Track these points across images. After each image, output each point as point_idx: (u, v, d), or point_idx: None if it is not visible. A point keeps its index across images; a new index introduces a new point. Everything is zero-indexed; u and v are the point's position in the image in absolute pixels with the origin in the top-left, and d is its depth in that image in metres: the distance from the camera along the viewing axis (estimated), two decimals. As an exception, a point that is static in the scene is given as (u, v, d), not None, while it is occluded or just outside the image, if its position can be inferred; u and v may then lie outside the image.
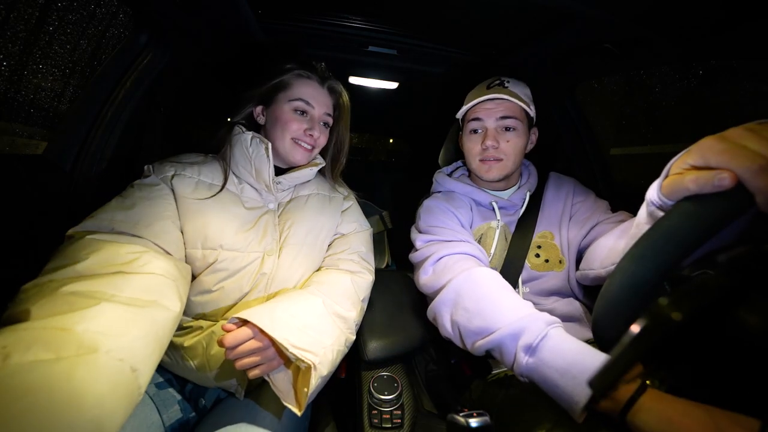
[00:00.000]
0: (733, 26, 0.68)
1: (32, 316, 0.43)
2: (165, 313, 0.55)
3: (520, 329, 0.61)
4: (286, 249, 0.81)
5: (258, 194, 0.84)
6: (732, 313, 0.31)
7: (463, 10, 0.91)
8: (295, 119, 0.83)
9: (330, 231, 0.92)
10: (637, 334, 0.31)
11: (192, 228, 0.73)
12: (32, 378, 0.37)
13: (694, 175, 0.38)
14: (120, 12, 1.55)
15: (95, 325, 0.44)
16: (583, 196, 1.00)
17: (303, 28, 1.05)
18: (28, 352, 0.38)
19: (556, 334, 0.58)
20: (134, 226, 0.64)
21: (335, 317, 0.74)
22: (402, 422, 0.78)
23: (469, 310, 0.69)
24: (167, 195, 0.73)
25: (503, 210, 0.98)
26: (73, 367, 0.39)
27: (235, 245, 0.75)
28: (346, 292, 0.81)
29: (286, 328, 0.62)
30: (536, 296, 0.93)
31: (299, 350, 0.61)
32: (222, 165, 0.82)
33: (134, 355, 0.45)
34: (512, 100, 0.89)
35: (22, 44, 1.49)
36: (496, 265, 0.93)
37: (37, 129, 1.53)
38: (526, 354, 0.59)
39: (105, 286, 0.50)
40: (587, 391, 0.49)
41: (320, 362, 0.63)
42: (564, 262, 0.92)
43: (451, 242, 0.86)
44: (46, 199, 0.81)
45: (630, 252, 0.41)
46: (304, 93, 0.84)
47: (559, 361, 0.55)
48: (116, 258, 0.55)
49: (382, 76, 1.40)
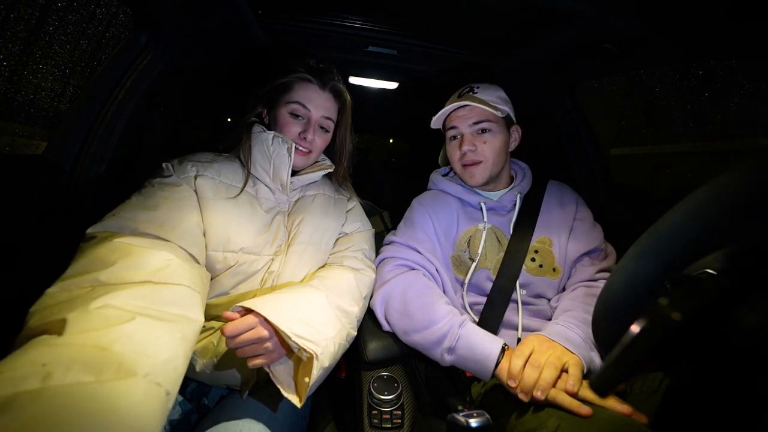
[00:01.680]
0: (733, 26, 0.68)
1: (67, 330, 0.43)
2: (193, 327, 0.55)
3: (441, 336, 0.76)
4: (292, 248, 0.82)
5: (272, 194, 0.85)
6: (732, 313, 0.31)
7: (463, 10, 0.91)
8: (290, 122, 0.84)
9: (335, 231, 0.93)
10: (637, 334, 0.31)
11: (214, 230, 0.73)
12: (73, 402, 0.36)
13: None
14: (120, 12, 1.55)
15: (132, 345, 0.44)
16: (584, 214, 1.02)
17: (303, 28, 1.06)
18: (69, 372, 0.37)
19: (465, 333, 0.75)
20: (160, 228, 0.63)
21: (338, 311, 0.75)
22: (402, 422, 0.78)
23: (399, 310, 0.84)
24: (191, 196, 0.72)
25: (492, 211, 0.99)
26: (114, 392, 0.38)
27: (255, 248, 0.76)
28: (349, 288, 0.81)
29: (290, 318, 0.63)
30: (532, 298, 0.93)
31: (302, 340, 0.61)
32: (241, 165, 0.83)
33: (168, 379, 0.45)
34: (479, 106, 0.93)
35: (22, 44, 1.49)
36: (490, 267, 0.94)
37: (37, 129, 1.53)
38: (448, 354, 0.76)
39: (137, 299, 0.49)
40: (490, 369, 0.70)
41: (322, 353, 0.63)
42: (558, 271, 0.93)
43: (405, 247, 0.94)
44: (46, 199, 0.81)
45: (631, 251, 0.41)
46: (302, 96, 0.84)
47: (469, 353, 0.74)
48: (145, 265, 0.54)
49: (382, 76, 1.40)
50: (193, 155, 0.81)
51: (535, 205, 1.00)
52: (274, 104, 0.86)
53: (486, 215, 0.97)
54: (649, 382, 0.65)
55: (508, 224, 0.98)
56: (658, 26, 0.75)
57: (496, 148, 0.95)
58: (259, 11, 0.97)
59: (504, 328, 0.90)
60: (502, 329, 0.90)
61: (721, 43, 0.74)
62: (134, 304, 0.49)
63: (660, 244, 0.38)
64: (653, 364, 0.34)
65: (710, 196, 0.36)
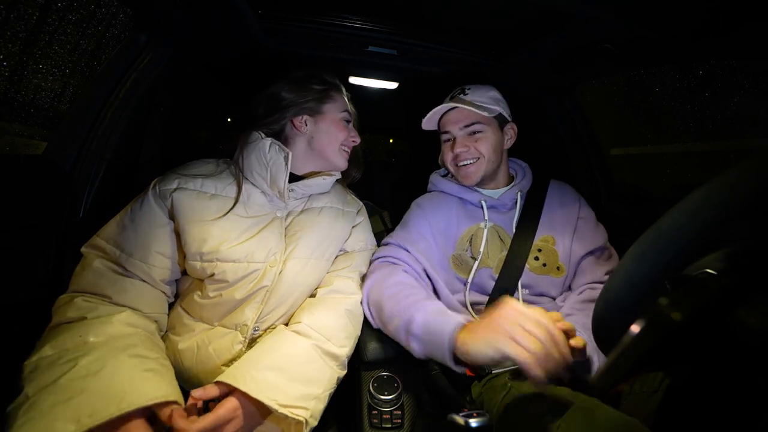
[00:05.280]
0: (733, 27, 0.68)
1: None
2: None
3: (406, 322, 0.72)
4: (291, 262, 0.80)
5: (268, 201, 0.84)
6: (732, 313, 0.31)
7: (463, 11, 0.91)
8: (345, 128, 0.90)
9: (338, 246, 0.91)
10: (637, 334, 0.31)
11: (191, 241, 0.73)
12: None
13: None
14: (120, 12, 1.55)
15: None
16: (586, 213, 1.02)
17: (303, 28, 1.05)
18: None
19: (421, 314, 0.71)
20: (133, 264, 0.71)
21: (327, 357, 0.73)
22: (402, 422, 0.78)
23: (375, 302, 0.83)
24: (163, 220, 0.74)
25: (493, 209, 0.99)
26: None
27: (233, 256, 0.74)
28: (340, 325, 0.79)
29: (272, 386, 0.61)
30: (535, 297, 0.93)
31: (288, 408, 0.60)
32: (235, 172, 0.83)
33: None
34: (468, 108, 0.93)
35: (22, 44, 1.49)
36: (492, 266, 0.94)
37: (37, 129, 1.53)
38: (413, 341, 0.71)
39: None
40: (445, 347, 0.63)
41: (311, 415, 0.63)
42: (563, 269, 0.93)
43: (396, 247, 0.93)
44: (46, 199, 0.81)
45: (631, 251, 0.41)
46: (347, 105, 0.92)
47: (427, 335, 0.68)
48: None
49: (382, 76, 1.40)
50: (185, 166, 0.82)
51: (538, 204, 1.00)
52: (320, 113, 0.87)
53: (487, 213, 0.97)
54: (649, 382, 0.65)
55: (510, 222, 0.98)
56: (658, 26, 0.75)
57: (490, 148, 0.95)
58: (259, 11, 0.97)
59: (505, 328, 0.90)
60: (503, 329, 0.90)
61: (721, 43, 0.74)
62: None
63: (660, 245, 0.38)
64: (653, 364, 0.34)
65: (710, 196, 0.36)
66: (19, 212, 0.75)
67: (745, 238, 0.36)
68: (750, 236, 0.36)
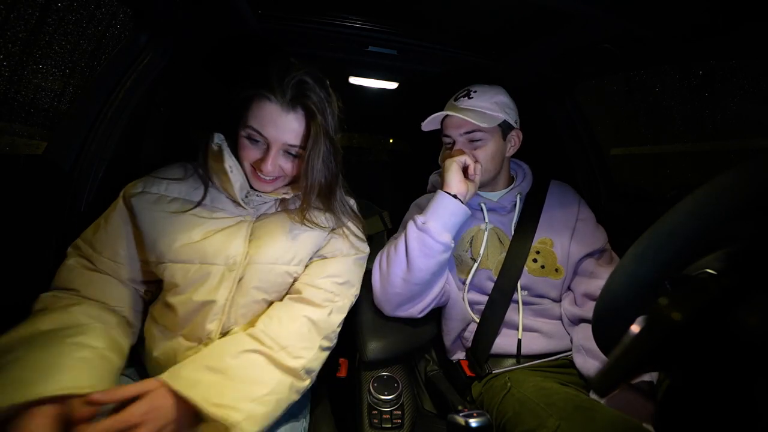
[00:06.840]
0: (733, 27, 0.68)
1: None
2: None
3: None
4: (253, 267, 0.72)
5: (234, 205, 0.78)
6: (732, 313, 0.31)
7: (463, 10, 0.91)
8: (246, 147, 0.73)
9: (309, 252, 0.79)
10: (637, 334, 0.31)
11: (147, 242, 0.73)
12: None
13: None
14: (120, 12, 1.55)
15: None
16: (586, 214, 1.02)
17: (303, 28, 1.05)
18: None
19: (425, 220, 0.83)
20: (106, 264, 0.72)
21: (275, 365, 0.65)
22: (402, 422, 0.78)
23: (382, 270, 0.88)
24: (127, 223, 0.74)
25: (493, 212, 0.99)
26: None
27: (182, 256, 0.70)
28: (300, 334, 0.70)
29: (206, 384, 0.56)
30: (534, 297, 0.93)
31: (220, 408, 0.54)
32: (201, 176, 0.78)
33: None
34: (469, 119, 0.88)
35: (22, 44, 1.49)
36: (491, 267, 0.94)
37: (37, 129, 1.53)
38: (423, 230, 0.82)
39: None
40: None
41: (246, 418, 0.55)
42: (561, 271, 0.93)
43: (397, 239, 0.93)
44: (46, 199, 0.81)
45: (631, 251, 0.41)
46: (259, 119, 0.70)
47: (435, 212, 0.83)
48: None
49: (382, 76, 1.40)
50: (157, 170, 0.80)
51: (537, 206, 1.00)
52: (235, 122, 0.74)
53: (486, 215, 0.97)
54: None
55: (509, 224, 0.98)
56: (657, 26, 0.75)
57: (489, 156, 0.93)
58: (259, 11, 0.97)
59: (505, 328, 0.90)
60: (504, 328, 0.90)
61: (721, 43, 0.74)
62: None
63: (660, 244, 0.38)
64: (653, 364, 0.34)
65: (710, 196, 0.36)
66: (19, 212, 0.75)
67: (745, 238, 0.36)
68: (750, 236, 0.36)
